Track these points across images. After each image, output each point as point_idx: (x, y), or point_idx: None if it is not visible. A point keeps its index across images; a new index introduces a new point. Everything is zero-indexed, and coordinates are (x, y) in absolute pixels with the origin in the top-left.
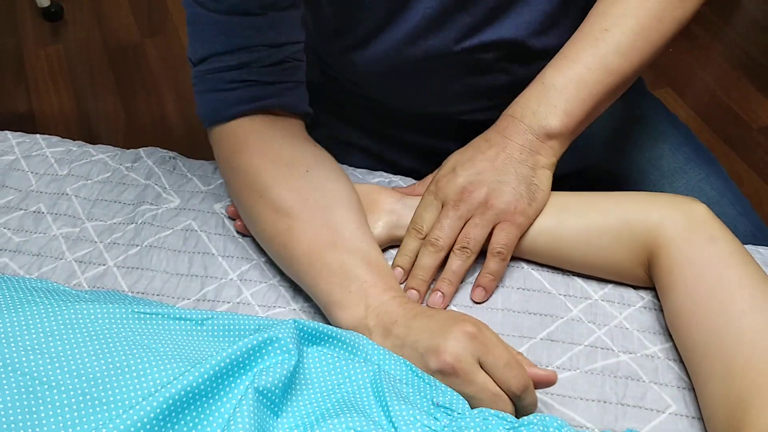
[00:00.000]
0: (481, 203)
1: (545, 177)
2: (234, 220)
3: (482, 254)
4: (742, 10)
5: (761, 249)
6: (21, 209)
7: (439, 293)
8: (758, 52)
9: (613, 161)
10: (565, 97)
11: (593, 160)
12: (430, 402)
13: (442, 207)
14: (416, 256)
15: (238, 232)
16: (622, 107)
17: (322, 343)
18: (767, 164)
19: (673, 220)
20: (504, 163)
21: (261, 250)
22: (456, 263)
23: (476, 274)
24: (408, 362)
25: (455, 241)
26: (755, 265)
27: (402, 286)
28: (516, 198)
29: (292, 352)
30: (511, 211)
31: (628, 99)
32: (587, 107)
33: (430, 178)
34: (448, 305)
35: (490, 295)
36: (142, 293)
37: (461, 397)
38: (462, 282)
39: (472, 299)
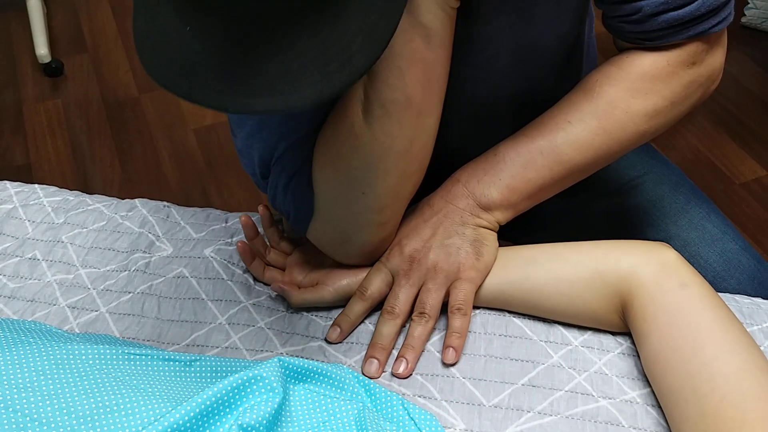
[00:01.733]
0: (429, 269)
1: (489, 234)
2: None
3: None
4: (723, 71)
5: (737, 297)
6: (17, 256)
7: (404, 360)
8: (738, 110)
9: (615, 202)
10: (511, 172)
11: (596, 201)
12: None
13: (394, 277)
14: (357, 318)
15: (228, 276)
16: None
17: (308, 380)
18: (750, 218)
19: (644, 268)
20: (447, 229)
21: (248, 292)
22: (417, 330)
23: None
24: (402, 398)
25: (412, 308)
26: (726, 308)
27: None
28: (463, 256)
29: (277, 390)
30: (460, 269)
31: None
32: (531, 188)
33: None
34: (412, 371)
35: (461, 354)
36: (133, 338)
37: None
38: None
39: (443, 362)
